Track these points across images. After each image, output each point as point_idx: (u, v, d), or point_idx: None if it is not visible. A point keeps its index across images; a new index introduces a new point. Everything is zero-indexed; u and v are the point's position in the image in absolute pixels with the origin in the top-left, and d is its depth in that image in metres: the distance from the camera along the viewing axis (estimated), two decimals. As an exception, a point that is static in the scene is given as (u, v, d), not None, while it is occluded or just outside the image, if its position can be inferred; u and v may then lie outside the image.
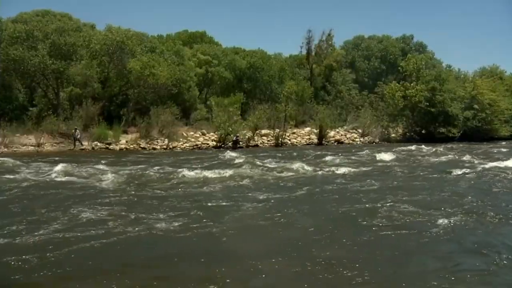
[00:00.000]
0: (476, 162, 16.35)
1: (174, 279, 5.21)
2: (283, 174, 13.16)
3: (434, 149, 21.59)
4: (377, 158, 17.64)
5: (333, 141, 30.47)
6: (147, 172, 13.44)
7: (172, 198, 9.56)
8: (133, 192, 10.19)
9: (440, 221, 7.45)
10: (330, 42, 43.96)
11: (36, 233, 6.65)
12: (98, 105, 26.51)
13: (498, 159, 16.88)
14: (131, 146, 24.58)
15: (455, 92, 33.45)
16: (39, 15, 31.61)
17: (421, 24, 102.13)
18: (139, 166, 14.89)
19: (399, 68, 38.34)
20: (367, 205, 8.73)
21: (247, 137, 27.44)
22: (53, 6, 33.95)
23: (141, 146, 24.73)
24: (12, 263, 5.51)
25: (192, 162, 16.82)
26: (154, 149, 24.51)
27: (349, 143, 30.70)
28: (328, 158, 17.49)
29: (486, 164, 15.41)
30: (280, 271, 5.39)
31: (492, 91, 35.25)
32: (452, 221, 7.51)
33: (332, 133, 31.31)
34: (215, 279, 5.10)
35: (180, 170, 13.36)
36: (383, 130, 32.97)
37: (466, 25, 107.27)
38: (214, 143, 26.23)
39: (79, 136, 23.62)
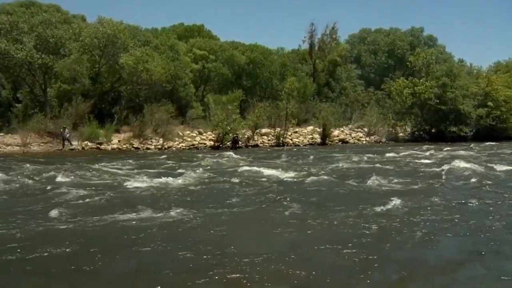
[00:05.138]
0: None
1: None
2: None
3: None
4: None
5: (337, 141, 30.43)
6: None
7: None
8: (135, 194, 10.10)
9: None
10: (334, 36, 43.80)
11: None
12: (89, 102, 26.31)
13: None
14: (124, 146, 24.47)
15: (467, 89, 33.36)
16: (23, 6, 31.54)
17: (431, 16, 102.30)
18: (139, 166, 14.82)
19: (407, 63, 38.34)
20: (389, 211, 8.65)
21: (246, 136, 27.36)
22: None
23: (134, 146, 24.62)
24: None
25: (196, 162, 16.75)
26: (148, 149, 24.41)
27: (354, 143, 30.68)
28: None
29: None
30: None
31: (507, 87, 35.17)
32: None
33: (336, 132, 31.24)
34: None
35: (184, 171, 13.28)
36: (390, 129, 32.93)
37: (479, 17, 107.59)
38: (212, 142, 26.14)
39: (68, 135, 23.48)
